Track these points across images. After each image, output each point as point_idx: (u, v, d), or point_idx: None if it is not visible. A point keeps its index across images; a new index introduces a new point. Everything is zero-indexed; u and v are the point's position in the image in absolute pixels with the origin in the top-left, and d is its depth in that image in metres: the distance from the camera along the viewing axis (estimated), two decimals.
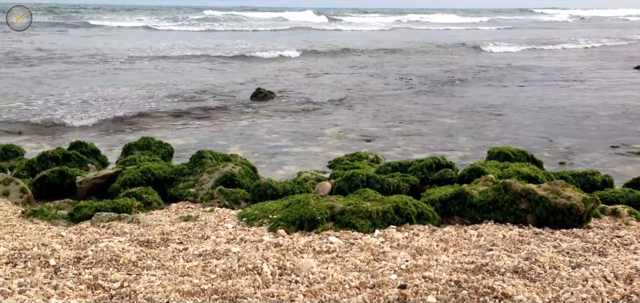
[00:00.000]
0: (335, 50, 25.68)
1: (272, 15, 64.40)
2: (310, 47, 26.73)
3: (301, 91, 14.22)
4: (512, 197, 4.75)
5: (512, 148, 6.87)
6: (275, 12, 68.57)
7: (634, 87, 14.87)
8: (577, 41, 32.16)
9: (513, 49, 27.49)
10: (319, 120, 10.83)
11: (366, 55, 23.84)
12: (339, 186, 5.64)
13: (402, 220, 4.59)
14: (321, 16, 61.98)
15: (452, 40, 32.55)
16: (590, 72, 18.19)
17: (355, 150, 8.16)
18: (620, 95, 13.48)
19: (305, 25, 49.34)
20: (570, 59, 22.89)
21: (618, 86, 15.12)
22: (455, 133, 9.72)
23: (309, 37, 34.20)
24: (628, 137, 9.22)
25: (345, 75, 17.61)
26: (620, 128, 9.93)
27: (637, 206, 5.35)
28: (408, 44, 29.47)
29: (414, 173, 6.02)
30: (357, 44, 28.92)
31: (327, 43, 29.48)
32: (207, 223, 4.71)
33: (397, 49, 26.61)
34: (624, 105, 12.04)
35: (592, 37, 36.01)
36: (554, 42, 31.25)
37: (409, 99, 13.16)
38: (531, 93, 13.94)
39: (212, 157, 6.58)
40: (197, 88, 14.55)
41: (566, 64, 21.15)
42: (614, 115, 11.09)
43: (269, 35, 36.81)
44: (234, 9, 72.72)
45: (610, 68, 19.36)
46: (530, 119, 10.80)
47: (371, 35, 38.33)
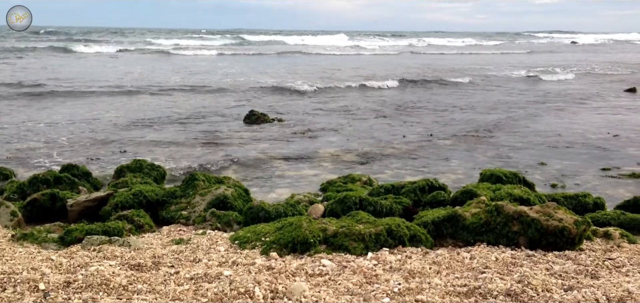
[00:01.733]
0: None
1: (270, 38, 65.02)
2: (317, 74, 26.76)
3: (295, 112, 14.24)
4: (504, 220, 4.76)
5: (504, 170, 6.90)
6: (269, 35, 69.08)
7: (625, 110, 14.99)
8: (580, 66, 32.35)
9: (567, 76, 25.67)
10: (312, 142, 10.83)
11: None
12: (332, 208, 5.63)
13: (395, 243, 4.58)
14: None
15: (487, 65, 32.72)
16: (584, 96, 18.34)
17: (348, 173, 8.16)
18: (612, 118, 13.59)
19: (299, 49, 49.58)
20: (569, 82, 23.08)
21: (610, 109, 15.24)
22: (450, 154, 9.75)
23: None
24: (619, 160, 9.27)
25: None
26: (611, 150, 9.99)
27: (629, 228, 5.38)
28: (439, 72, 29.58)
29: (407, 196, 6.02)
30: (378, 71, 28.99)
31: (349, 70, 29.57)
32: (199, 246, 4.68)
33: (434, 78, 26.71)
34: (616, 128, 12.13)
35: (588, 61, 36.35)
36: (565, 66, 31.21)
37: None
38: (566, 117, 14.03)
39: (204, 179, 6.57)
40: (189, 111, 14.55)
41: (562, 87, 21.33)
42: (606, 137, 11.15)
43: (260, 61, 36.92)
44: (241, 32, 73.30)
45: (602, 91, 19.52)
46: (519, 142, 10.85)
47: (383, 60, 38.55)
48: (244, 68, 29.24)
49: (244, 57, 38.07)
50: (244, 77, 23.75)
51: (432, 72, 26.78)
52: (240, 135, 11.50)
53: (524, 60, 37.88)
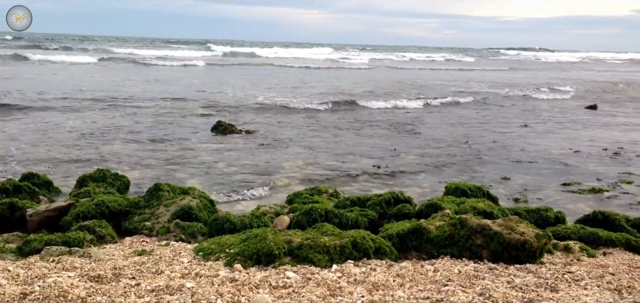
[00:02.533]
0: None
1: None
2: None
3: (263, 124, 14.20)
4: (468, 233, 4.81)
5: (468, 183, 6.99)
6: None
7: (586, 126, 15.36)
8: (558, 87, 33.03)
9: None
10: (279, 153, 10.81)
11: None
12: (298, 220, 5.62)
13: (360, 255, 4.59)
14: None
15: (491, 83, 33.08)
16: (544, 111, 18.74)
17: (315, 185, 8.16)
18: (573, 135, 13.91)
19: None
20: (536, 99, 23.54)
21: (571, 125, 15.59)
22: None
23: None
24: (579, 176, 9.48)
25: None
26: (572, 166, 10.21)
27: (588, 242, 5.50)
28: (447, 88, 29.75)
29: (373, 208, 6.04)
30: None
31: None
32: (162, 258, 4.61)
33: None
34: (577, 144, 12.42)
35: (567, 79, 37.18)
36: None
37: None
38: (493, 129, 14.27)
39: (169, 189, 6.48)
40: (155, 121, 14.38)
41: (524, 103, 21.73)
42: (567, 153, 11.41)
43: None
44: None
45: (565, 107, 19.97)
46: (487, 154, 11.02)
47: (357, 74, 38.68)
48: (212, 79, 29.09)
49: (213, 68, 37.86)
50: (212, 88, 23.62)
51: (416, 87, 27.03)
52: (207, 145, 11.41)
53: (511, 76, 38.55)
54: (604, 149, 11.87)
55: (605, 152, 11.52)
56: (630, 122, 16.45)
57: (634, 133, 14.34)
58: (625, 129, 15.14)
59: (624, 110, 19.46)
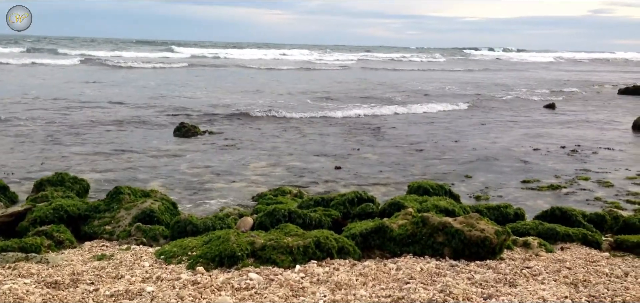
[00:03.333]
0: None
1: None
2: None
3: (228, 126, 14.10)
4: (430, 231, 4.87)
5: (431, 182, 7.07)
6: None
7: (545, 125, 15.72)
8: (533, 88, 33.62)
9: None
10: (244, 154, 10.74)
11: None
12: (261, 221, 5.60)
13: (323, 255, 4.61)
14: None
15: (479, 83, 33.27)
16: (508, 112, 19.09)
17: (279, 185, 8.14)
18: (533, 133, 14.21)
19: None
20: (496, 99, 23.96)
21: (531, 124, 15.93)
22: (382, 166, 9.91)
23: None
24: (538, 173, 9.69)
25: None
26: (532, 164, 10.44)
27: (547, 237, 5.63)
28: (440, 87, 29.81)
29: (336, 208, 6.06)
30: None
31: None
32: (122, 262, 4.53)
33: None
34: (536, 142, 12.70)
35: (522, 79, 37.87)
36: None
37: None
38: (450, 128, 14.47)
39: (130, 192, 6.38)
40: (116, 123, 14.14)
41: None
42: (527, 151, 11.65)
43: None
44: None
45: (524, 107, 20.38)
46: (448, 155, 11.17)
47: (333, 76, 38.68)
48: (175, 81, 28.76)
49: (174, 70, 37.43)
50: (174, 91, 23.37)
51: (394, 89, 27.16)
52: (170, 147, 11.27)
53: (493, 78, 39.07)
54: (562, 146, 12.16)
55: (563, 150, 11.80)
56: (587, 120, 16.89)
57: (591, 131, 14.73)
58: (582, 126, 15.54)
59: (581, 109, 19.97)
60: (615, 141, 13.01)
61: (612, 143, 12.71)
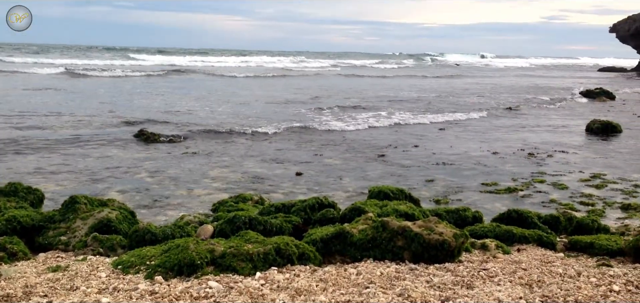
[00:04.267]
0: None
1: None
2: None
3: (189, 134, 13.94)
4: (389, 235, 4.91)
5: (391, 187, 7.13)
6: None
7: (503, 129, 16.05)
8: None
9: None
10: (204, 161, 10.65)
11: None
12: (221, 229, 5.55)
13: (284, 261, 4.59)
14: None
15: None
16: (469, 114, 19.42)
17: (240, 192, 8.09)
18: (492, 137, 14.50)
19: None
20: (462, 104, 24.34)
21: (490, 128, 16.25)
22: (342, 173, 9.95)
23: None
24: (497, 176, 9.89)
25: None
26: (491, 167, 10.64)
27: (504, 239, 5.74)
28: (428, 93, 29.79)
29: (297, 214, 6.05)
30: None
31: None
32: (78, 273, 4.43)
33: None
34: (495, 145, 12.95)
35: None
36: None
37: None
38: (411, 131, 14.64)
39: (87, 202, 6.23)
40: (72, 131, 13.83)
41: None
42: (486, 155, 11.87)
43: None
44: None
45: (485, 110, 20.76)
46: (408, 160, 11.29)
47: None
48: (134, 88, 28.34)
49: (131, 78, 36.85)
50: (133, 98, 23.02)
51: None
52: (129, 155, 11.08)
53: (453, 83, 39.52)
54: (520, 149, 12.44)
55: (521, 153, 12.07)
56: (543, 124, 17.32)
57: (546, 134, 15.11)
58: (538, 130, 15.93)
59: (537, 113, 20.47)
60: (569, 144, 13.38)
61: (567, 146, 13.06)
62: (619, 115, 19.49)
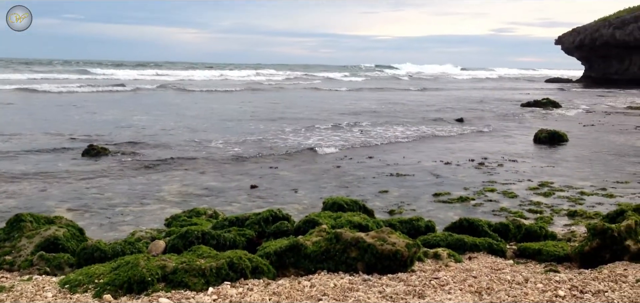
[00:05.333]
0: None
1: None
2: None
3: (139, 147, 13.69)
4: (343, 246, 4.93)
5: (345, 198, 7.17)
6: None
7: (455, 139, 16.36)
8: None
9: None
10: (157, 176, 10.47)
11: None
12: (173, 244, 5.46)
13: (237, 276, 4.55)
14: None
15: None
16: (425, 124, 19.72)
17: (194, 206, 7.99)
18: (444, 147, 14.75)
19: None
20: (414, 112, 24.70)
21: (443, 139, 16.54)
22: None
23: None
24: (449, 186, 10.06)
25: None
26: (443, 177, 10.82)
27: (455, 248, 5.84)
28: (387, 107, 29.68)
29: (251, 227, 6.02)
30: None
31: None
32: (22, 294, 4.28)
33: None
34: (447, 155, 13.19)
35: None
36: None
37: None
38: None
39: (33, 220, 6.03)
40: (19, 146, 13.40)
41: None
42: (438, 165, 12.07)
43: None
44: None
45: (436, 122, 21.12)
46: (363, 171, 11.38)
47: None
48: (88, 102, 27.73)
49: (87, 94, 36.01)
50: (85, 114, 22.50)
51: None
52: (78, 170, 10.80)
53: (406, 96, 39.88)
54: (471, 160, 12.70)
55: (472, 163, 12.33)
56: (493, 134, 17.75)
57: (497, 144, 15.48)
58: (489, 140, 16.31)
59: (488, 123, 20.95)
60: (518, 153, 13.74)
61: (516, 155, 13.42)
62: (565, 125, 20.16)
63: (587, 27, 68.40)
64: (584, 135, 17.83)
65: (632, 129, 19.51)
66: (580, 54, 70.63)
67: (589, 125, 20.88)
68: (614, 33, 63.29)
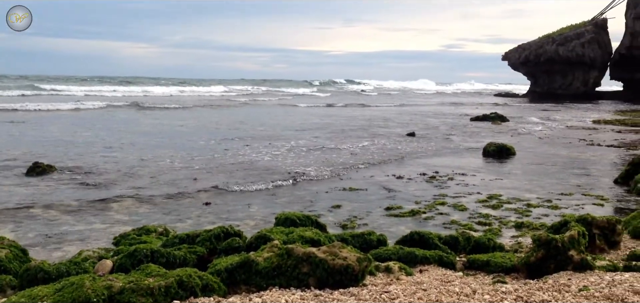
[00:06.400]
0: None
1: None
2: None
3: (87, 165, 13.34)
4: (294, 262, 4.92)
5: (298, 213, 7.17)
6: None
7: (407, 154, 16.58)
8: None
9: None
10: (106, 194, 10.21)
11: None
12: (121, 263, 5.33)
13: (186, 294, 4.48)
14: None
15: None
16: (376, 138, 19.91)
17: (144, 224, 7.83)
18: (396, 161, 14.94)
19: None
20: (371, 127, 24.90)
21: (394, 153, 16.73)
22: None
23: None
24: (400, 200, 10.18)
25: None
26: (395, 191, 10.94)
27: (407, 261, 5.91)
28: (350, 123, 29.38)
29: (202, 244, 5.94)
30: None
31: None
32: None
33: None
34: (399, 170, 13.36)
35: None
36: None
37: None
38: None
39: None
40: None
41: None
42: (389, 180, 12.21)
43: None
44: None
45: (387, 136, 21.37)
46: (324, 187, 11.40)
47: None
48: (33, 119, 26.90)
49: (32, 113, 34.91)
50: (31, 130, 21.82)
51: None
52: (22, 189, 10.44)
53: (358, 111, 40.08)
54: (423, 173, 12.90)
55: (423, 177, 12.52)
56: (444, 147, 18.08)
57: (447, 158, 15.78)
58: (440, 154, 16.61)
59: (439, 137, 21.34)
60: (468, 167, 14.04)
61: (466, 169, 13.70)
62: (513, 138, 20.75)
63: (532, 44, 70.72)
64: (531, 148, 18.38)
65: (576, 142, 20.23)
66: (526, 69, 72.92)
67: (535, 138, 21.54)
68: (557, 49, 65.69)
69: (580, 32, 65.39)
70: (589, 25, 66.03)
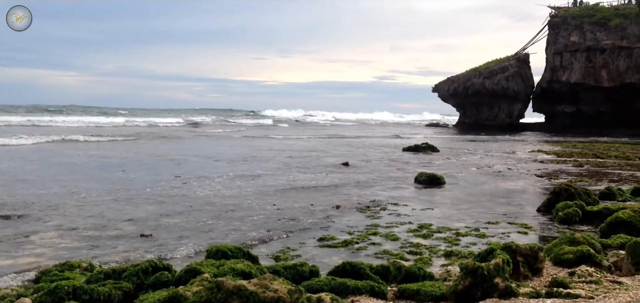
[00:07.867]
0: None
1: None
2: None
3: (7, 195, 12.70)
4: (225, 295, 4.84)
5: (229, 245, 7.06)
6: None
7: (340, 184, 16.72)
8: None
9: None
10: (25, 228, 9.73)
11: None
12: (41, 301, 5.08)
13: None
14: None
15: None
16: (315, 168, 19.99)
17: (67, 259, 7.49)
18: (330, 191, 15.02)
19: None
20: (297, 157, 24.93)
21: (329, 184, 16.83)
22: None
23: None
24: (334, 230, 10.23)
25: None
26: (331, 220, 11.00)
27: (338, 292, 5.92)
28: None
29: (129, 279, 5.75)
30: None
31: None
32: None
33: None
34: (333, 200, 13.44)
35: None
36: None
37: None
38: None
39: None
40: None
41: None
42: (325, 209, 12.25)
43: None
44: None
45: (320, 166, 21.51)
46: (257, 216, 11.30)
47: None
48: None
49: None
50: None
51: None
52: None
53: (288, 142, 39.90)
54: (358, 203, 13.03)
55: (358, 206, 12.65)
56: (376, 178, 18.33)
57: (379, 188, 15.99)
58: (372, 184, 16.82)
59: (372, 167, 21.66)
60: (400, 197, 14.30)
61: (398, 198, 13.94)
62: (442, 168, 21.34)
63: (460, 77, 73.45)
64: (460, 177, 18.93)
65: (503, 171, 21.01)
66: (455, 101, 75.50)
67: (465, 168, 22.23)
68: (483, 82, 68.49)
69: (505, 66, 68.49)
70: (512, 60, 69.27)
